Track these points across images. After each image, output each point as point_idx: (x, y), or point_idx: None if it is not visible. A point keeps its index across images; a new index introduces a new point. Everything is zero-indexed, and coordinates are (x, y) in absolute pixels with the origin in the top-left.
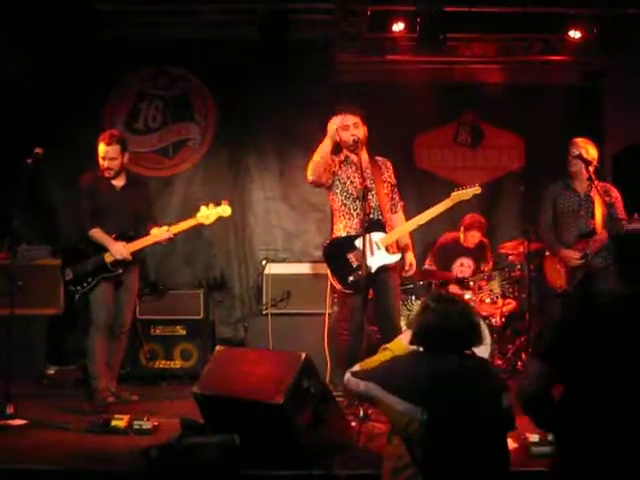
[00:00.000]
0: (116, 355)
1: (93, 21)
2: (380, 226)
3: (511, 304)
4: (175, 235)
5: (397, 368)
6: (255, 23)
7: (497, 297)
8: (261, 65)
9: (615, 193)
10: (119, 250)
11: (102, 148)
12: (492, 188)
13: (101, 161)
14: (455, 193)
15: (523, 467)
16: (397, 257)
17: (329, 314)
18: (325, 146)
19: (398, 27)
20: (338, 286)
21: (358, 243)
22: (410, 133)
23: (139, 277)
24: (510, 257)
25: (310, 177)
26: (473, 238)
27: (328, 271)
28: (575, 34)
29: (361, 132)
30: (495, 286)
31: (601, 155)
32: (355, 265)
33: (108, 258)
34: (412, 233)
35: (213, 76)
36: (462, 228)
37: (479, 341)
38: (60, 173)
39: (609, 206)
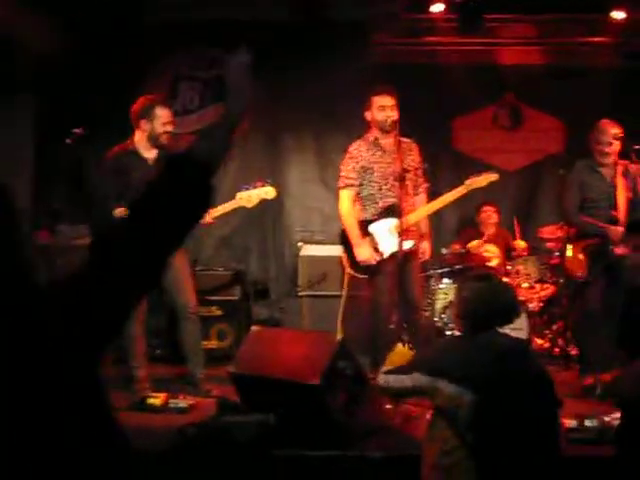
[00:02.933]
0: (192, 339)
1: (134, 4)
2: (394, 212)
3: (549, 289)
4: (215, 218)
5: (442, 352)
6: (292, 4)
7: (535, 282)
8: (297, 46)
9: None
10: None
11: (165, 112)
12: (532, 171)
13: (162, 127)
14: (469, 180)
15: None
16: (410, 244)
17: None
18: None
19: (437, 8)
20: (350, 271)
21: (372, 229)
22: (448, 115)
23: (186, 257)
24: (548, 243)
25: None
26: (486, 214)
27: (343, 256)
28: (618, 14)
29: (396, 114)
30: (532, 271)
31: None
32: None
33: None
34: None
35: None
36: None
37: (518, 315)
38: (99, 153)
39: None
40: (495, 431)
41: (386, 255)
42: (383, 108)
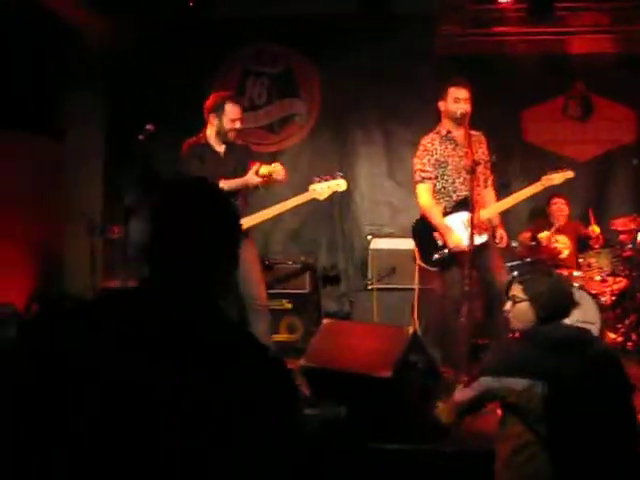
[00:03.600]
0: (262, 331)
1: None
2: (467, 205)
3: (622, 282)
4: (287, 210)
5: (507, 351)
6: None
7: (607, 275)
8: (363, 39)
9: None
10: None
11: (235, 109)
12: (603, 162)
13: (230, 124)
14: (546, 177)
15: None
16: (483, 239)
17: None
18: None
19: None
20: (421, 263)
21: (446, 222)
22: (517, 107)
23: (255, 250)
24: (621, 235)
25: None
26: (556, 206)
27: (415, 249)
28: None
29: (469, 107)
30: (605, 264)
31: None
32: (440, 243)
33: None
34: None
35: (315, 51)
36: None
37: (575, 305)
38: (170, 150)
39: None
40: (568, 421)
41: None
42: (458, 100)
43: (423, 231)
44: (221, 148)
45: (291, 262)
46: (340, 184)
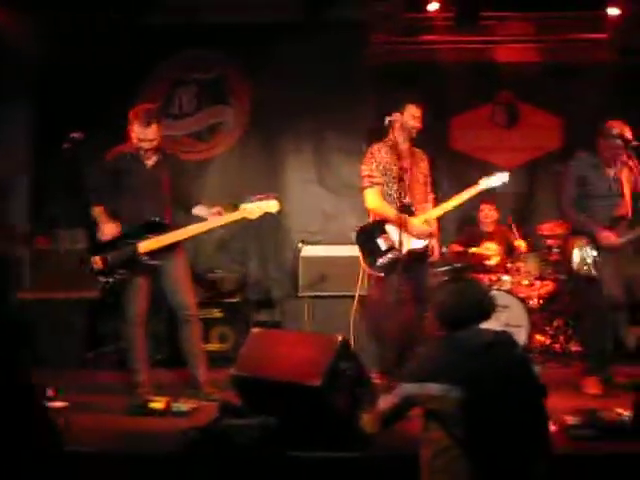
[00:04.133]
0: (191, 341)
1: (131, 6)
2: (409, 211)
3: (549, 286)
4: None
5: (426, 357)
6: (289, 5)
7: (535, 279)
8: (295, 47)
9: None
10: (106, 231)
11: (138, 129)
12: (529, 169)
13: (136, 141)
14: (483, 180)
15: (563, 449)
16: (424, 242)
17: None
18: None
19: (433, 7)
20: (368, 269)
21: (388, 227)
22: (445, 114)
23: (185, 260)
24: (548, 240)
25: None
26: (484, 213)
27: (360, 255)
28: (613, 11)
29: (421, 125)
30: (532, 268)
31: None
32: (384, 248)
33: (142, 249)
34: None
35: (249, 59)
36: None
37: (494, 310)
38: (98, 158)
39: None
40: (484, 425)
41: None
42: (414, 117)
43: (367, 237)
44: (149, 158)
45: (221, 271)
46: (272, 205)
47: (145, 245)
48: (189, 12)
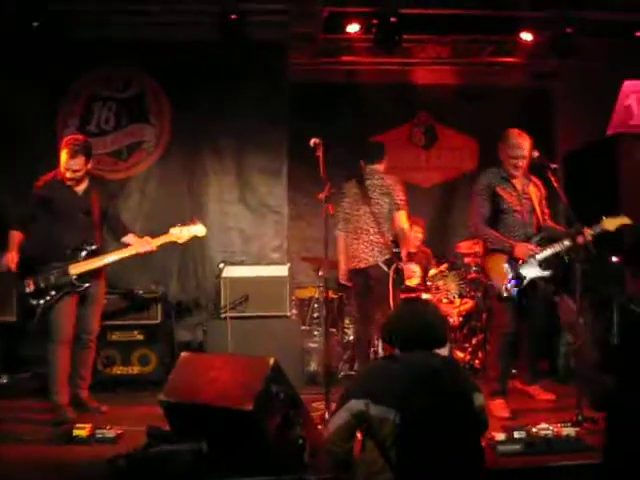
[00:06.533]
0: (86, 364)
1: (46, 21)
2: None
3: (468, 303)
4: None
5: (369, 374)
6: (208, 24)
7: (454, 297)
8: (215, 66)
9: (543, 190)
10: (5, 261)
11: (64, 159)
12: (446, 189)
13: (62, 170)
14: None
15: (491, 466)
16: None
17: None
18: None
19: (353, 28)
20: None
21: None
22: (365, 134)
23: (104, 286)
24: (466, 258)
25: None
26: (416, 234)
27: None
28: (527, 36)
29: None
30: (452, 286)
31: (553, 156)
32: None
33: (73, 271)
34: None
35: (168, 77)
36: None
37: (447, 338)
38: (12, 176)
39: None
40: (416, 451)
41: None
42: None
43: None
44: (79, 185)
45: (142, 291)
46: (200, 229)
47: (76, 267)
48: (105, 27)
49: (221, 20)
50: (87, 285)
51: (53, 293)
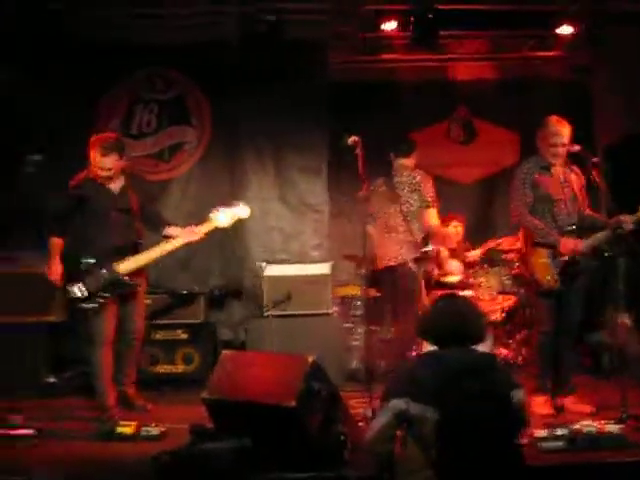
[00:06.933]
0: (131, 363)
1: (83, 26)
2: None
3: (510, 300)
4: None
5: (407, 373)
6: (247, 24)
7: (496, 293)
8: (254, 66)
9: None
10: (51, 272)
11: (96, 157)
12: (487, 184)
13: (94, 169)
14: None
15: (533, 462)
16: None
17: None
18: None
19: (390, 26)
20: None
21: None
22: (404, 131)
23: (145, 284)
24: (507, 254)
25: None
26: (455, 229)
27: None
28: (565, 30)
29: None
30: (494, 282)
31: (593, 149)
32: None
33: (122, 270)
34: None
35: (207, 79)
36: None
37: (484, 334)
38: (56, 180)
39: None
40: (455, 450)
41: None
42: None
43: None
44: (114, 183)
45: (184, 291)
46: (243, 211)
47: (124, 266)
48: (142, 31)
49: (259, 20)
50: (137, 283)
51: (105, 295)
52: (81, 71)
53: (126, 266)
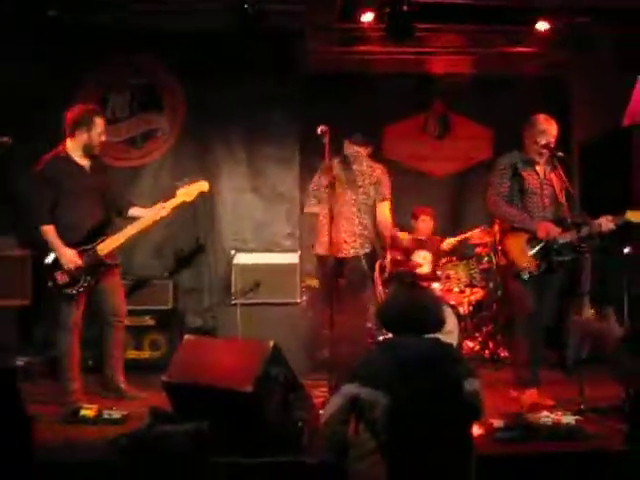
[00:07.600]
0: (119, 346)
1: (60, 8)
2: None
3: (478, 293)
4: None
5: (363, 360)
6: (223, 13)
7: (464, 286)
8: (228, 55)
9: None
10: (70, 259)
11: (101, 122)
12: (460, 178)
13: (97, 137)
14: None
15: (488, 452)
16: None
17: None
18: None
19: (367, 17)
20: None
21: None
22: (379, 124)
23: (118, 267)
24: (477, 248)
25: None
26: (425, 223)
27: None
28: (542, 26)
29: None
30: (462, 275)
31: (569, 145)
32: None
33: (102, 251)
34: None
35: (181, 65)
36: (413, 219)
37: (442, 323)
38: (29, 163)
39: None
40: (405, 435)
41: None
42: None
43: None
44: (85, 162)
45: (154, 278)
46: (203, 184)
47: (103, 246)
48: (120, 15)
49: (236, 9)
50: (117, 262)
51: (88, 278)
52: (60, 54)
53: (106, 245)
